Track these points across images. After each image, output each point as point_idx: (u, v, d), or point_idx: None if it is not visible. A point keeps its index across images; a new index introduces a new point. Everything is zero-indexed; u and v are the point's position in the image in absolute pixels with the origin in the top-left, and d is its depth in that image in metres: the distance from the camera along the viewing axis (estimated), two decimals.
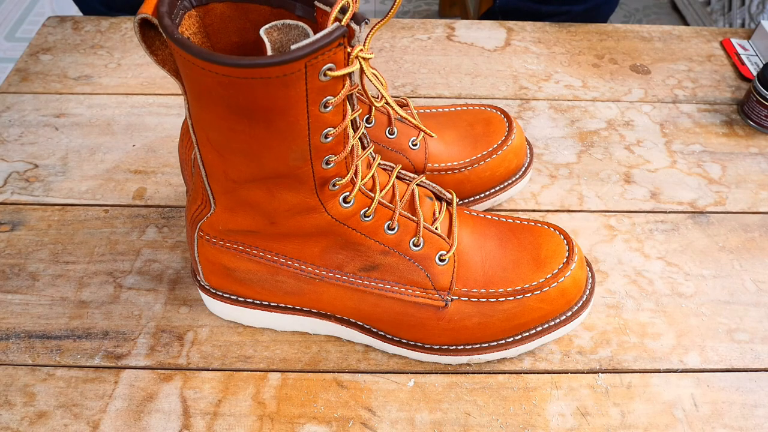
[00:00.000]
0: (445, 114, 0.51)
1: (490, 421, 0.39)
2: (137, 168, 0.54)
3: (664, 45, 0.68)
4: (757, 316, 0.45)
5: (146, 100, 0.60)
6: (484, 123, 0.50)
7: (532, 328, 0.40)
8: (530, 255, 0.41)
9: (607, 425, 0.39)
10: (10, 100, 0.59)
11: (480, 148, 0.48)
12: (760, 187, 0.54)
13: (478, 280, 0.39)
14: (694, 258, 0.48)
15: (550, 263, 0.40)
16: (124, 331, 0.43)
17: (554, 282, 0.39)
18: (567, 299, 0.40)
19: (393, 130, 0.46)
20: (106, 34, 0.67)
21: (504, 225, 0.42)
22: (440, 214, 0.40)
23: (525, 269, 0.40)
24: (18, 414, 0.39)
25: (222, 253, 0.39)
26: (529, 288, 0.39)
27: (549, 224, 0.42)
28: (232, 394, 0.40)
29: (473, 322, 0.39)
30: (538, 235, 0.42)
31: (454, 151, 0.48)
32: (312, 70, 0.28)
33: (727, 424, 0.39)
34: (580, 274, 0.41)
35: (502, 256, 0.40)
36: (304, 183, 0.34)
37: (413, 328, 0.40)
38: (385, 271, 0.39)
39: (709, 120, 0.60)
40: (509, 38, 0.68)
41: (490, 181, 0.49)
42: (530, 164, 0.51)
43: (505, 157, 0.48)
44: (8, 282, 0.45)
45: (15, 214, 0.50)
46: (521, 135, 0.50)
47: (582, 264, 0.41)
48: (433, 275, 0.39)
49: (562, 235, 0.41)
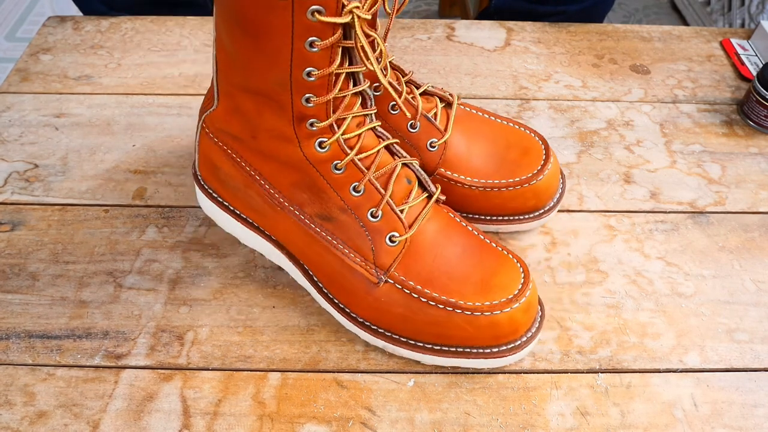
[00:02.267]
0: (488, 122, 0.49)
1: (489, 421, 0.39)
2: (137, 168, 0.54)
3: (664, 45, 0.68)
4: (757, 316, 0.45)
5: (146, 100, 0.60)
6: (521, 151, 0.47)
7: (454, 345, 0.39)
8: (482, 276, 0.39)
9: (606, 425, 0.39)
10: (10, 100, 0.59)
11: (503, 174, 0.46)
12: (760, 187, 0.54)
13: (420, 275, 0.39)
14: (694, 258, 0.48)
15: (495, 292, 0.39)
16: (124, 331, 0.43)
17: (489, 311, 0.38)
18: (496, 334, 0.39)
19: (416, 124, 0.45)
20: (106, 34, 0.67)
21: (475, 239, 0.41)
22: (413, 200, 0.40)
23: (469, 287, 0.39)
24: (18, 414, 0.39)
25: (213, 149, 0.42)
26: (462, 305, 0.38)
27: (518, 258, 0.41)
28: (232, 394, 0.40)
29: (398, 312, 0.39)
30: (500, 263, 0.40)
31: (474, 165, 0.46)
32: (299, 6, 0.31)
33: (726, 424, 0.39)
34: (521, 317, 0.39)
35: (455, 265, 0.40)
36: (283, 110, 0.36)
37: (344, 291, 0.41)
38: (338, 228, 0.40)
39: (709, 120, 0.60)
40: (509, 38, 0.68)
41: (499, 209, 0.47)
42: (550, 210, 0.48)
43: (523, 194, 0.46)
44: (8, 282, 0.45)
45: (15, 214, 0.50)
46: (552, 177, 0.47)
47: (528, 309, 0.39)
48: (377, 251, 0.39)
49: (523, 273, 0.40)
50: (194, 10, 0.75)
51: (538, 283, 0.46)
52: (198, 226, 0.49)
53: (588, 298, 0.46)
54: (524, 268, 0.40)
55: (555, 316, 0.45)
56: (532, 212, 0.47)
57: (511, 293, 0.39)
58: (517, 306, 0.38)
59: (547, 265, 0.48)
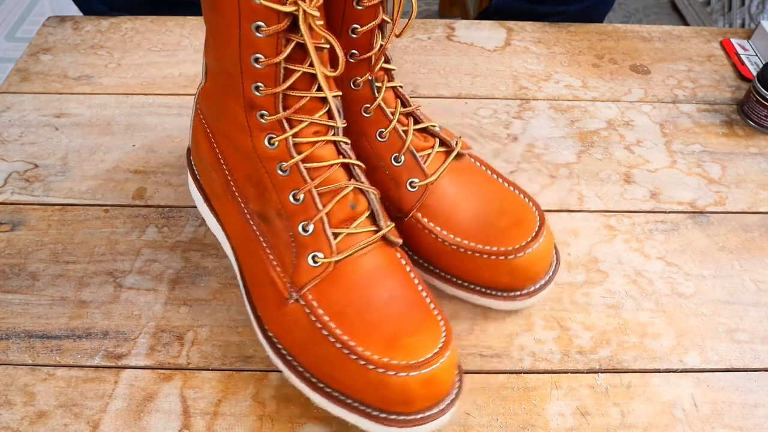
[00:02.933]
0: (490, 181, 0.44)
1: (489, 421, 0.39)
2: (137, 168, 0.54)
3: (664, 45, 0.68)
4: (757, 316, 0.45)
5: (146, 100, 0.60)
6: (513, 221, 0.42)
7: (344, 394, 0.36)
8: (395, 330, 0.36)
9: (606, 425, 0.39)
10: (10, 100, 0.59)
11: (482, 238, 0.41)
12: (760, 187, 0.54)
13: (332, 306, 0.36)
14: (694, 258, 0.48)
15: (399, 352, 0.34)
16: (124, 331, 0.43)
17: (383, 369, 0.34)
18: (384, 397, 0.34)
19: (400, 158, 0.42)
20: (106, 34, 0.67)
21: (410, 291, 0.38)
22: (355, 228, 0.37)
23: (376, 337, 0.35)
24: (18, 414, 0.39)
25: (197, 124, 0.43)
26: (359, 352, 0.34)
27: (447, 326, 0.37)
28: (232, 394, 0.40)
29: (299, 337, 0.36)
30: (423, 323, 0.36)
31: (454, 219, 0.42)
32: None
33: (726, 424, 0.39)
34: (417, 389, 0.34)
35: (373, 309, 0.36)
36: (237, 95, 0.36)
37: (261, 298, 0.39)
38: (270, 231, 0.38)
39: (709, 120, 0.60)
40: (509, 38, 0.68)
41: (471, 275, 0.42)
42: (528, 295, 0.42)
43: (497, 267, 0.41)
44: (8, 282, 0.45)
45: (15, 214, 0.50)
46: (535, 259, 0.41)
47: (428, 383, 0.34)
48: (297, 266, 0.37)
49: (442, 344, 0.35)
50: (194, 10, 0.75)
51: None
52: (198, 226, 0.49)
53: (588, 298, 0.46)
54: (447, 338, 0.35)
55: (555, 316, 0.45)
56: (506, 291, 0.42)
57: (414, 359, 0.34)
58: (414, 375, 0.33)
59: None
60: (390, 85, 0.42)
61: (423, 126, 0.44)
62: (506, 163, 0.55)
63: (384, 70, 0.42)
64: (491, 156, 0.56)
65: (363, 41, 0.39)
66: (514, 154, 0.56)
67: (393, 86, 0.43)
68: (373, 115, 0.42)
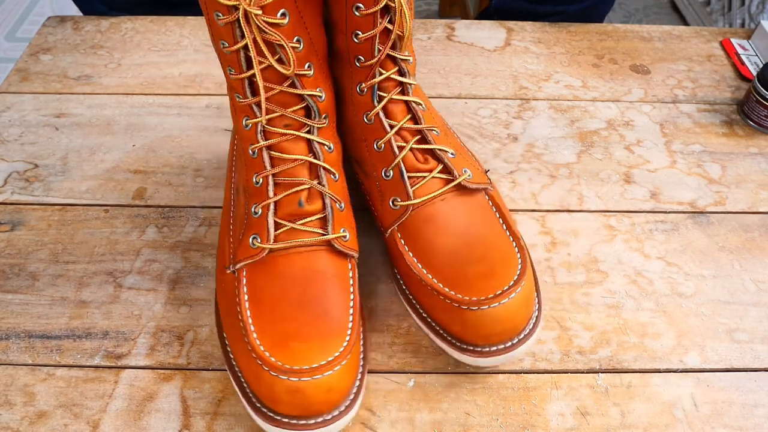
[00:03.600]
0: (489, 222, 0.41)
1: (489, 421, 0.39)
2: (137, 168, 0.54)
3: (664, 45, 0.68)
4: (757, 316, 0.45)
5: (146, 100, 0.60)
6: (486, 272, 0.38)
7: (242, 371, 0.37)
8: (296, 329, 0.36)
9: (607, 425, 0.39)
10: (10, 100, 0.59)
11: (448, 278, 0.38)
12: (760, 187, 0.54)
13: (254, 286, 0.38)
14: (694, 258, 0.48)
15: (291, 354, 0.35)
16: (124, 331, 0.43)
17: (261, 360, 0.34)
18: (270, 389, 0.34)
19: (389, 173, 0.41)
20: (106, 34, 0.67)
21: (335, 298, 0.37)
22: (300, 225, 0.38)
23: (279, 331, 0.36)
24: (18, 414, 0.39)
25: None
26: (252, 337, 0.35)
27: (355, 335, 0.36)
28: (232, 394, 0.40)
29: (223, 303, 0.39)
30: (330, 332, 0.36)
31: (429, 249, 0.39)
32: None
33: (727, 424, 0.39)
34: (281, 393, 0.34)
35: (288, 302, 0.37)
36: (226, 74, 0.38)
37: (217, 259, 0.42)
38: (237, 204, 0.41)
39: (709, 120, 0.60)
40: (509, 38, 0.68)
41: (432, 310, 0.39)
42: (481, 354, 0.37)
43: (450, 313, 0.38)
44: (8, 282, 0.45)
45: (15, 214, 0.50)
46: (492, 321, 0.36)
47: (294, 393, 0.34)
48: (242, 242, 0.39)
49: (335, 354, 0.35)
50: (194, 10, 0.75)
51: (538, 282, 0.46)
52: (198, 226, 0.49)
53: (588, 298, 0.46)
54: (337, 358, 0.35)
55: (555, 316, 0.45)
56: (458, 340, 0.39)
57: (290, 364, 0.34)
58: (283, 379, 0.33)
59: (547, 265, 0.48)
60: (399, 98, 0.41)
61: (429, 147, 0.41)
62: (506, 163, 0.55)
63: (396, 81, 0.41)
64: (491, 156, 0.56)
65: (365, 48, 0.39)
66: (514, 154, 0.56)
67: (406, 100, 0.41)
68: (373, 123, 0.42)
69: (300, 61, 0.37)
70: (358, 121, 0.42)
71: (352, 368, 0.36)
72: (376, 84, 0.40)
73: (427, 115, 0.42)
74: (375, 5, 0.36)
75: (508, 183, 0.53)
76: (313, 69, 0.38)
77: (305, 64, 0.37)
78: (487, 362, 0.38)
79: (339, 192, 0.40)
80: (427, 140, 0.42)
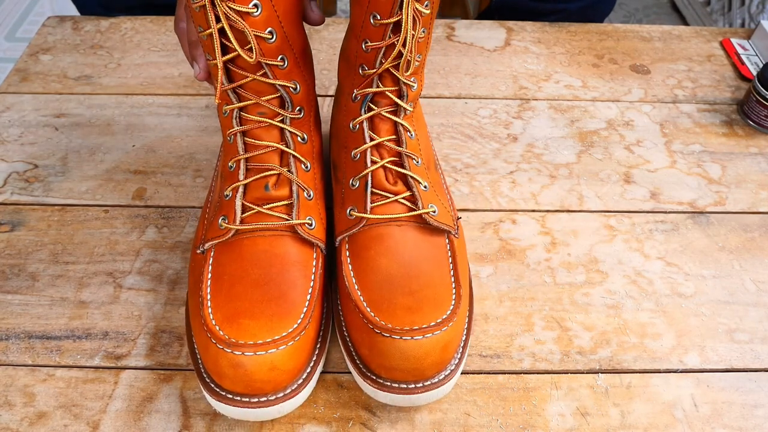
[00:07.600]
0: (438, 258, 0.39)
1: (489, 422, 0.39)
2: (137, 168, 0.54)
3: (664, 45, 0.68)
4: (757, 316, 0.45)
5: (146, 100, 0.60)
6: (412, 307, 0.36)
7: (201, 352, 0.37)
8: (253, 313, 0.36)
9: (606, 425, 0.39)
10: (10, 100, 0.59)
11: (372, 302, 0.37)
12: (760, 187, 0.54)
13: (220, 268, 0.39)
14: (694, 258, 0.48)
15: (240, 331, 0.35)
16: (124, 332, 0.43)
17: (215, 340, 0.35)
18: (218, 370, 0.35)
19: (355, 183, 0.41)
20: (106, 34, 0.67)
21: (282, 282, 0.38)
22: (266, 209, 0.39)
23: (242, 308, 0.36)
24: (18, 414, 0.39)
25: None
26: (209, 320, 0.36)
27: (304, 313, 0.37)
28: None
29: (192, 280, 0.40)
30: (285, 309, 0.36)
31: (368, 270, 0.39)
32: None
33: (726, 425, 0.39)
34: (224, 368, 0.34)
35: (247, 283, 0.37)
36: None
37: (194, 240, 0.44)
38: (215, 188, 0.44)
39: (709, 120, 0.60)
40: (509, 38, 0.68)
41: (349, 325, 0.39)
42: (382, 387, 0.36)
43: (361, 334, 0.37)
44: (8, 282, 0.45)
45: (15, 214, 0.50)
46: (395, 352, 0.35)
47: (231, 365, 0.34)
48: (212, 223, 0.40)
49: (282, 334, 0.35)
50: None
51: (538, 283, 0.46)
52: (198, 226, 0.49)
53: (588, 298, 0.46)
54: (288, 336, 0.35)
55: (555, 317, 0.45)
56: (363, 365, 0.38)
57: (236, 339, 0.34)
58: (227, 351, 0.34)
59: (547, 265, 0.48)
60: (388, 116, 0.41)
61: (403, 172, 0.41)
62: (506, 163, 0.55)
63: (391, 100, 0.41)
64: (491, 156, 0.56)
65: (370, 58, 0.39)
66: (514, 154, 0.56)
67: (395, 121, 0.41)
68: (356, 131, 0.42)
69: (271, 52, 0.37)
70: (344, 127, 0.43)
71: (301, 351, 0.36)
72: (369, 94, 0.41)
73: (414, 143, 0.42)
74: (389, 17, 0.36)
75: (508, 183, 0.53)
76: (287, 62, 0.39)
77: (278, 56, 0.38)
78: (386, 398, 0.37)
79: (309, 182, 0.42)
80: (403, 165, 0.41)
